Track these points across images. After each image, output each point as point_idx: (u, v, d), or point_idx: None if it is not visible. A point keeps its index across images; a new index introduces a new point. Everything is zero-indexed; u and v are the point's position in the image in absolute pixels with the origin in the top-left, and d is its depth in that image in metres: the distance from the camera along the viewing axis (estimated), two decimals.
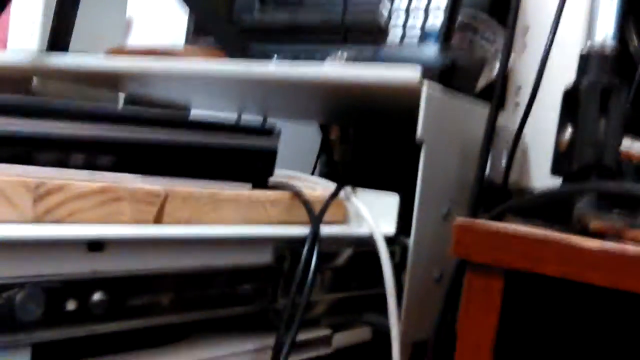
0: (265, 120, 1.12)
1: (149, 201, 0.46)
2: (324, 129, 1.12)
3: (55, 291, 0.38)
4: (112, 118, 0.48)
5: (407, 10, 0.67)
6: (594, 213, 0.49)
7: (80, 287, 0.39)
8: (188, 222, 0.49)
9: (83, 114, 0.47)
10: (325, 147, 1.15)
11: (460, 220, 0.50)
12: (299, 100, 0.88)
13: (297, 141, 1.19)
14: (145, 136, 0.50)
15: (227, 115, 1.17)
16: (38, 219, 0.40)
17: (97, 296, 0.40)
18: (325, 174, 1.16)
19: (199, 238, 0.46)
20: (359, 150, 1.10)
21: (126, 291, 0.42)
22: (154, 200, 0.46)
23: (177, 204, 0.48)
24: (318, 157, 1.17)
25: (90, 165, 0.47)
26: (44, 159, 0.44)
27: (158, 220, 0.47)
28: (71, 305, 0.39)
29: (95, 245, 0.40)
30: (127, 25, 1.37)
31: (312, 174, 1.17)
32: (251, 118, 1.18)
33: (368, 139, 1.07)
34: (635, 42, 0.74)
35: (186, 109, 1.16)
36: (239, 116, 1.12)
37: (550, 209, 0.55)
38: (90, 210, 0.43)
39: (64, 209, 0.41)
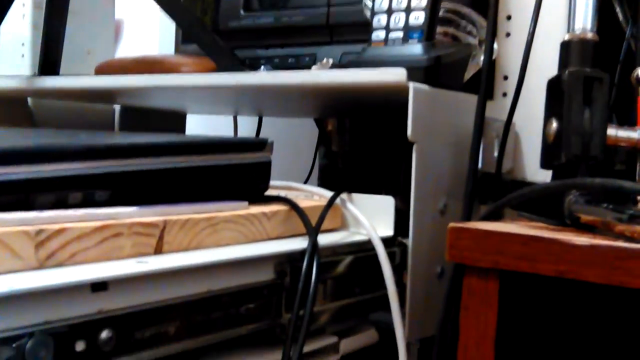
0: (260, 119, 1.13)
1: (147, 233, 0.47)
2: (320, 122, 1.13)
3: (63, 335, 0.39)
4: (104, 152, 0.49)
5: (389, 11, 0.67)
6: (584, 206, 0.50)
7: (87, 327, 0.40)
8: (188, 248, 0.50)
9: (76, 152, 0.48)
10: (323, 139, 1.15)
11: (453, 224, 0.51)
12: (292, 101, 0.89)
13: (296, 134, 1.20)
14: (139, 166, 0.51)
15: (223, 117, 1.18)
16: (41, 265, 0.41)
17: (104, 334, 0.41)
18: (325, 166, 1.17)
19: (199, 266, 0.47)
20: (356, 141, 1.11)
21: (133, 326, 0.43)
22: (153, 231, 0.47)
23: (176, 232, 0.49)
24: (316, 149, 1.18)
25: (86, 201, 0.48)
26: (41, 200, 0.46)
27: (158, 250, 0.48)
28: (80, 347, 0.40)
29: (99, 286, 0.41)
30: (117, 28, 1.38)
31: (312, 166, 1.18)
32: (247, 117, 1.19)
33: (365, 131, 1.08)
34: (621, 15, 0.75)
35: (182, 115, 1.17)
36: (235, 118, 1.13)
37: (542, 200, 0.56)
38: (91, 249, 0.44)
39: (66, 252, 0.43)
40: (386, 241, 0.61)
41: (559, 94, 0.56)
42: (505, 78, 0.77)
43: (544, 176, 0.61)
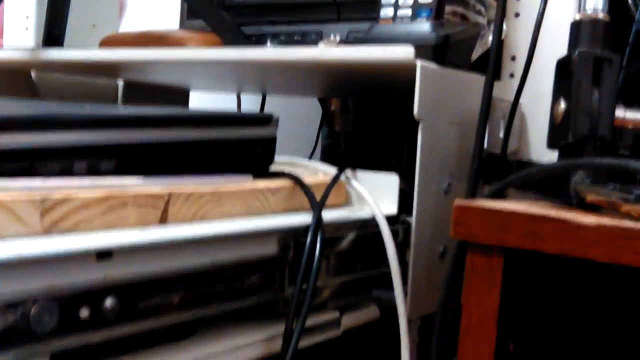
0: (264, 97, 1.12)
1: (152, 204, 0.47)
2: (324, 102, 1.12)
3: (68, 301, 0.39)
4: (110, 122, 0.49)
5: None
6: (590, 186, 0.50)
7: (91, 295, 0.41)
8: (192, 219, 0.50)
9: (81, 121, 0.47)
10: (326, 120, 1.15)
11: (459, 201, 0.50)
12: (297, 79, 0.88)
13: (299, 114, 1.20)
14: (144, 137, 0.51)
15: (227, 95, 1.17)
16: (46, 232, 0.41)
17: (108, 302, 0.41)
18: (327, 146, 1.17)
19: (204, 237, 0.47)
20: (359, 121, 1.11)
21: (136, 295, 0.43)
22: (157, 202, 0.47)
23: (181, 204, 0.49)
24: (319, 129, 1.18)
25: (91, 170, 0.48)
26: (46, 169, 0.45)
27: (163, 220, 0.48)
28: (85, 313, 0.40)
29: (104, 254, 0.41)
30: (120, 5, 1.37)
31: (315, 146, 1.18)
32: (250, 96, 1.18)
33: (368, 111, 1.08)
34: None
35: (186, 91, 1.16)
36: (238, 96, 1.13)
37: (547, 180, 0.56)
38: (96, 218, 0.44)
39: (71, 220, 0.42)
40: (390, 219, 0.61)
41: (568, 74, 0.56)
42: (513, 58, 0.76)
43: (550, 158, 0.61)
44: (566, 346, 0.58)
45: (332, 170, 0.64)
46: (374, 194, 0.62)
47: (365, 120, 1.12)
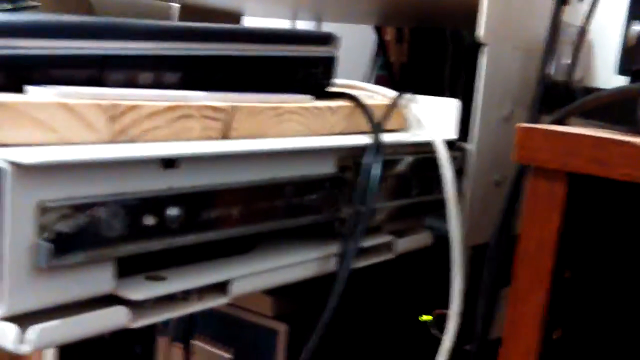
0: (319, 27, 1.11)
1: (216, 117, 0.47)
2: (379, 31, 1.10)
3: (134, 207, 0.40)
4: (176, 34, 0.49)
5: None
6: None
7: (156, 202, 0.41)
8: (254, 135, 0.50)
9: (148, 31, 0.47)
10: (381, 50, 1.13)
11: (523, 124, 0.49)
12: (353, 3, 0.87)
13: (353, 45, 1.18)
14: (209, 50, 0.51)
15: (281, 21, 1.16)
16: (114, 139, 0.42)
17: (172, 211, 0.42)
18: (381, 77, 1.16)
19: (266, 152, 0.47)
20: (414, 53, 1.09)
21: (199, 206, 0.43)
22: (221, 116, 0.47)
23: (243, 119, 0.49)
24: (374, 60, 1.16)
25: (156, 82, 0.48)
26: (114, 79, 0.46)
27: (225, 135, 0.48)
28: (149, 221, 0.41)
29: (169, 163, 0.42)
30: None
31: (369, 78, 1.16)
32: (305, 24, 1.17)
33: (423, 42, 1.06)
34: None
35: (239, 17, 1.15)
36: (293, 23, 1.12)
37: (614, 108, 0.54)
38: (162, 128, 0.44)
39: (138, 128, 0.43)
40: (448, 144, 0.60)
41: None
42: None
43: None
44: (624, 275, 0.57)
45: (391, 93, 0.63)
46: (433, 119, 0.62)
47: (420, 51, 1.10)
